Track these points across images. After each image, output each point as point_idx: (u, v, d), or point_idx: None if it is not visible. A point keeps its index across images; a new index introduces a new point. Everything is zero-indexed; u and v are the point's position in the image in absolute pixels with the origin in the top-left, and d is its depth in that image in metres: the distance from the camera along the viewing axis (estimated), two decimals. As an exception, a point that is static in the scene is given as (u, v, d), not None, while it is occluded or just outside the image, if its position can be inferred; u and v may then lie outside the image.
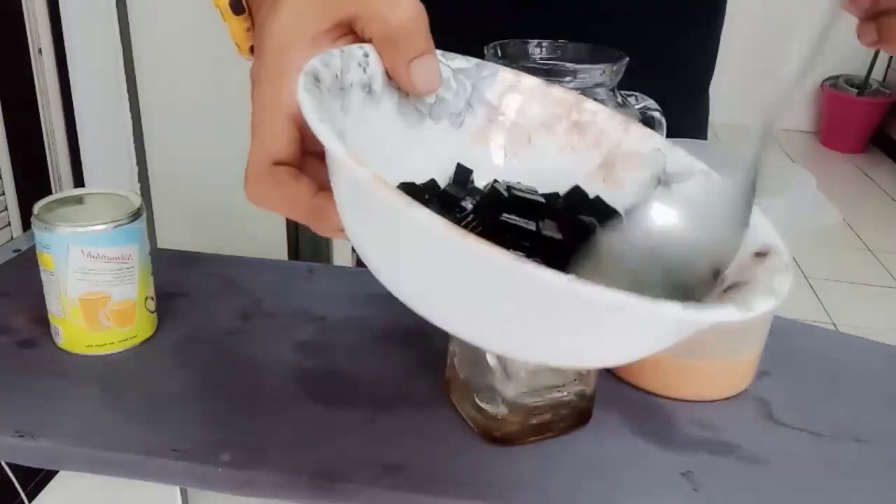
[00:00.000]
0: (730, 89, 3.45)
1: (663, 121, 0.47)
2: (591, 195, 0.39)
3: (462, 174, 0.39)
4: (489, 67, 0.40)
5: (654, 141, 0.39)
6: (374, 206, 0.28)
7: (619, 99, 0.47)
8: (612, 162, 0.39)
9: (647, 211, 0.37)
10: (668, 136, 0.47)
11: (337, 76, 0.33)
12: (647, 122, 0.47)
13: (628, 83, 0.47)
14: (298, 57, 0.33)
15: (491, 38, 0.47)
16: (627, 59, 0.47)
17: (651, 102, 0.48)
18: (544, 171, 0.40)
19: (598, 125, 0.40)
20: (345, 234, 0.33)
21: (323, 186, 0.33)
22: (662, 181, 0.38)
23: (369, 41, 0.35)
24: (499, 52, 0.47)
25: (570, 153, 0.40)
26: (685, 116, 0.68)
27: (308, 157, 0.35)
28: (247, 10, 0.40)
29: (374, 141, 0.36)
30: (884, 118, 3.64)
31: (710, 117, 0.78)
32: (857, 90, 3.62)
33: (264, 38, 0.34)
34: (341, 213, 0.31)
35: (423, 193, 0.36)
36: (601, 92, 0.45)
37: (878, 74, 3.67)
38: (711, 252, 0.34)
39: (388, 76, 0.36)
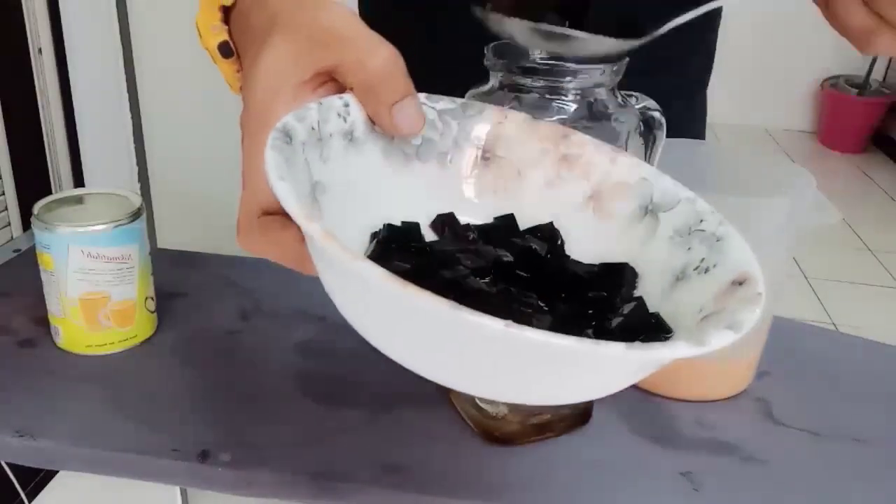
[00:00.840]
0: (729, 89, 3.45)
1: (663, 121, 0.47)
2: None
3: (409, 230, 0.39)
4: (475, 106, 0.41)
5: (642, 171, 0.40)
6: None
7: (620, 99, 0.47)
8: (600, 193, 0.40)
9: None
10: (668, 136, 0.47)
11: (314, 128, 0.34)
12: (648, 122, 0.47)
13: (628, 83, 0.47)
14: (280, 108, 0.34)
15: (492, 38, 0.47)
16: (627, 58, 0.47)
17: (651, 102, 0.48)
18: (534, 206, 0.40)
19: (585, 157, 0.41)
20: None
21: None
22: (650, 210, 0.39)
23: (351, 90, 0.36)
24: (499, 52, 0.46)
25: (559, 186, 0.41)
26: (684, 116, 0.68)
27: None
28: (235, 52, 0.41)
29: (360, 186, 0.37)
30: (884, 118, 3.64)
31: (710, 117, 0.78)
32: (857, 90, 3.62)
33: (247, 90, 0.35)
34: (313, 258, 0.33)
35: (405, 237, 0.37)
36: (601, 92, 0.45)
37: (878, 74, 3.68)
38: None
39: (372, 122, 0.37)
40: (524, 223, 0.40)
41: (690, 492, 0.46)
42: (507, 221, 0.40)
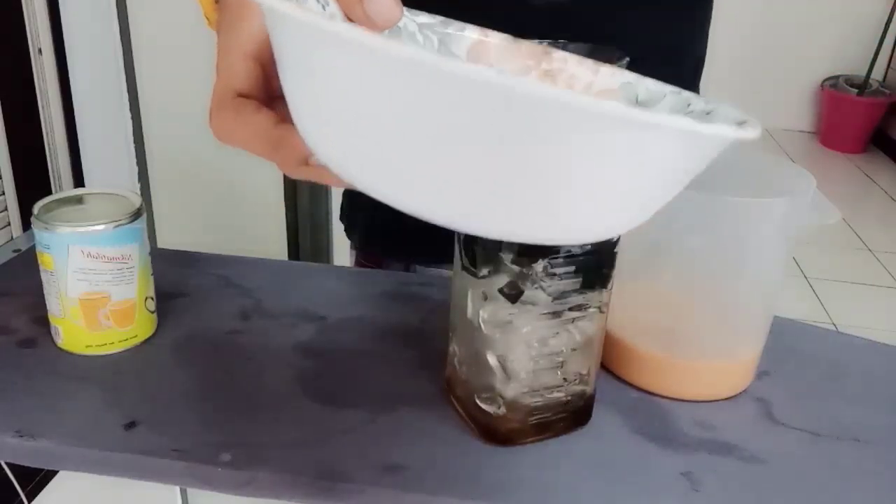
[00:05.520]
0: (729, 89, 3.45)
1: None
2: None
3: None
4: (455, 24, 0.40)
5: (624, 77, 0.40)
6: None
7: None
8: None
9: None
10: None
11: None
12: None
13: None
14: (255, 7, 0.33)
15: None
16: (628, 58, 0.47)
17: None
18: None
19: (568, 71, 0.41)
20: (307, 170, 0.32)
21: (286, 120, 0.33)
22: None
23: None
24: None
25: None
26: None
27: (275, 101, 0.35)
28: None
29: None
30: (884, 118, 3.64)
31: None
32: (857, 90, 3.62)
33: None
34: (283, 84, 0.29)
35: None
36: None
37: (878, 74, 3.68)
38: None
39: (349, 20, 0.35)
40: None
41: (690, 492, 0.46)
42: None
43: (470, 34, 0.41)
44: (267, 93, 0.35)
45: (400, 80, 0.22)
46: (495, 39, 0.41)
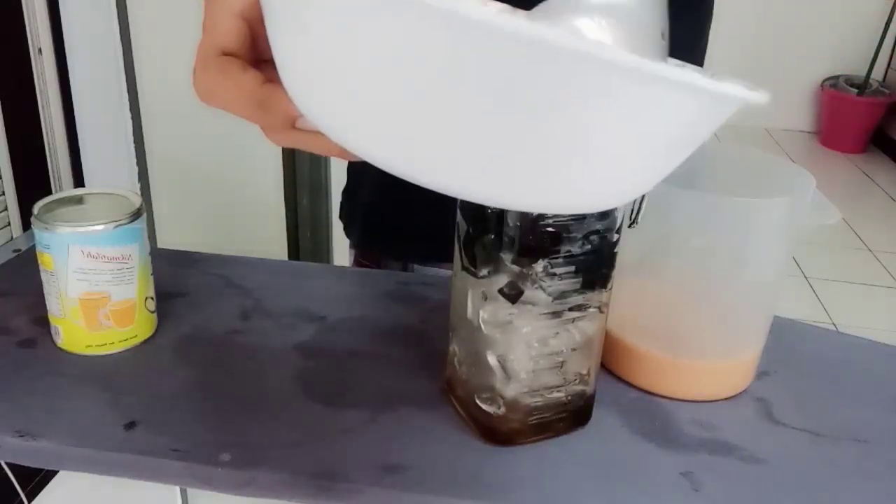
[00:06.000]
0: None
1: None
2: None
3: None
4: None
5: None
6: None
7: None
8: None
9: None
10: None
11: None
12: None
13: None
14: None
15: None
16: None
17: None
18: None
19: None
20: (293, 135, 0.32)
21: (272, 80, 0.32)
22: None
23: None
24: None
25: None
26: None
27: (261, 63, 0.34)
28: None
29: None
30: (884, 118, 3.64)
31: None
32: (857, 90, 3.62)
33: None
34: (270, 38, 0.28)
35: None
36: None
37: (878, 74, 3.68)
38: None
39: None
40: None
41: (690, 492, 0.46)
42: None
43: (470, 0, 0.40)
44: (253, 53, 0.34)
45: (403, 27, 0.21)
46: (495, 7, 0.41)
